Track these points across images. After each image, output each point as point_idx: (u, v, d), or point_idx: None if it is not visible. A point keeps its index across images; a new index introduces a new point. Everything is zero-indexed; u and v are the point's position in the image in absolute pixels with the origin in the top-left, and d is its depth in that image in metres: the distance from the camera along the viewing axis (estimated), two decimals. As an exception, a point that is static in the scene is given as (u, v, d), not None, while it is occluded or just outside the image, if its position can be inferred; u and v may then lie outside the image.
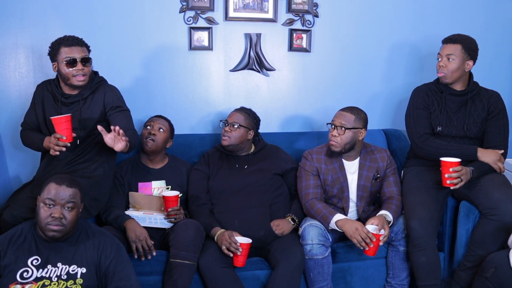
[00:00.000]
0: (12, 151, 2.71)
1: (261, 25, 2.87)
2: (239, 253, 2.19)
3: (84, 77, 2.22)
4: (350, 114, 2.41)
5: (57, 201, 1.80)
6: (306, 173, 2.47)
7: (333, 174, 2.45)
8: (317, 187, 2.45)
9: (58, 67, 2.22)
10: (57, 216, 1.78)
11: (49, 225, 1.79)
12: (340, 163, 2.47)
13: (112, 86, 2.37)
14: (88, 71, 2.24)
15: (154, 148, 2.48)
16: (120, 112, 2.30)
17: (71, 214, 1.82)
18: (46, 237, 1.82)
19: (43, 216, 1.79)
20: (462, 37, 2.42)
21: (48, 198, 1.80)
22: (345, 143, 2.38)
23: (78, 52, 2.20)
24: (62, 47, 2.19)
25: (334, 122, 2.41)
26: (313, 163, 2.47)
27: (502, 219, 2.21)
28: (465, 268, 2.35)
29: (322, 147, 2.53)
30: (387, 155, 2.53)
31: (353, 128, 2.38)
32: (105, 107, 2.29)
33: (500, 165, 2.37)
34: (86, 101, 2.27)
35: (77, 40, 2.23)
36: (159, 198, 2.40)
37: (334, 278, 2.40)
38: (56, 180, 1.84)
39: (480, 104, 2.47)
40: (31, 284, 1.77)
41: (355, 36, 3.00)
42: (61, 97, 2.27)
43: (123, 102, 2.36)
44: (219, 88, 2.93)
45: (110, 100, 2.29)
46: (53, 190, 1.81)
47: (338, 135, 2.37)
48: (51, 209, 1.80)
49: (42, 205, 1.80)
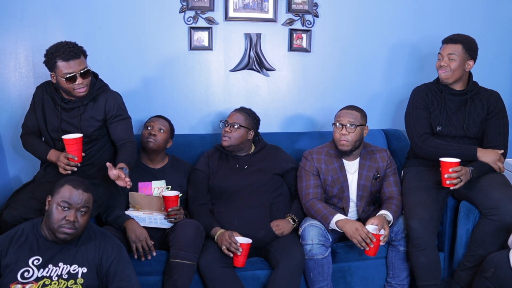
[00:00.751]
0: (12, 151, 2.71)
1: (261, 25, 2.87)
2: (239, 253, 2.19)
3: (85, 88, 2.19)
4: (355, 111, 2.43)
5: (72, 205, 1.80)
6: (307, 173, 2.47)
7: (333, 174, 2.45)
8: (317, 187, 2.45)
9: (57, 79, 2.17)
10: (71, 220, 1.79)
11: (62, 227, 1.79)
12: (341, 163, 2.47)
13: (114, 93, 2.36)
14: (88, 82, 2.21)
15: (155, 147, 2.48)
16: (120, 121, 2.29)
17: (83, 218, 1.83)
18: (56, 239, 1.82)
19: (57, 218, 1.79)
20: (463, 37, 2.42)
21: (64, 201, 1.80)
22: (355, 141, 2.40)
23: (76, 66, 2.12)
24: (58, 61, 2.10)
25: (342, 121, 2.40)
26: (313, 163, 2.47)
27: (502, 219, 2.21)
28: (465, 268, 2.35)
29: (323, 147, 2.53)
30: (387, 155, 2.53)
31: (360, 125, 2.40)
32: (105, 114, 2.28)
33: (500, 165, 2.37)
34: (86, 107, 2.26)
35: (73, 53, 2.11)
36: (159, 198, 2.40)
37: (334, 278, 2.40)
38: (73, 183, 1.84)
39: (480, 104, 2.47)
40: (31, 284, 1.77)
41: (355, 36, 3.00)
42: (61, 102, 2.26)
43: (124, 110, 2.35)
44: (219, 88, 2.93)
45: (111, 108, 2.28)
46: (68, 193, 1.81)
47: (348, 133, 2.38)
48: (65, 212, 1.80)
49: (56, 206, 1.80)
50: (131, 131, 2.36)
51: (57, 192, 1.82)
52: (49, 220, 1.81)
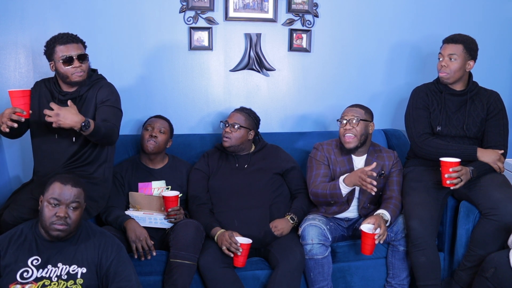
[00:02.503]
0: (12, 151, 2.71)
1: (261, 25, 2.87)
2: (239, 254, 2.19)
3: (82, 73, 2.20)
4: (359, 108, 2.47)
5: (62, 201, 1.80)
6: (317, 162, 2.50)
7: (341, 166, 2.48)
8: (326, 176, 2.47)
9: (55, 66, 2.19)
10: (62, 216, 1.79)
11: (53, 224, 1.79)
12: (349, 157, 2.50)
13: (109, 83, 2.34)
14: (85, 68, 2.22)
15: (156, 150, 2.49)
16: (108, 106, 2.24)
17: (75, 213, 1.83)
18: (49, 237, 1.82)
19: (47, 216, 1.79)
20: (464, 37, 2.42)
21: (53, 198, 1.80)
22: (360, 134, 2.42)
23: (74, 50, 2.16)
24: (57, 46, 2.16)
25: (346, 117, 2.44)
26: (324, 153, 2.51)
27: (502, 219, 2.21)
28: (465, 268, 2.35)
29: (332, 141, 2.58)
30: (395, 156, 2.56)
31: (364, 120, 2.42)
32: (96, 103, 2.26)
33: (500, 165, 2.37)
34: (82, 99, 2.25)
35: (71, 37, 2.18)
36: (159, 198, 2.40)
37: (334, 278, 2.40)
38: (60, 179, 1.84)
39: (480, 104, 2.47)
40: (31, 284, 1.76)
41: (355, 36, 3.00)
42: (58, 95, 2.25)
43: (116, 100, 2.29)
44: (219, 88, 2.93)
45: (102, 96, 2.25)
46: (58, 190, 1.81)
47: (352, 127, 2.41)
48: (55, 209, 1.80)
49: (46, 204, 1.80)
50: (115, 119, 2.25)
51: (46, 190, 1.82)
52: (41, 218, 1.81)
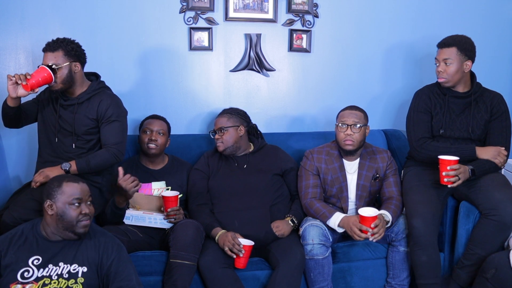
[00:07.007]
0: (12, 151, 2.71)
1: (261, 26, 2.87)
2: (241, 255, 2.20)
3: (55, 83, 2.19)
4: (359, 111, 2.45)
5: (82, 198, 1.86)
6: (306, 172, 2.48)
7: (332, 174, 2.45)
8: (317, 187, 2.46)
9: None
10: (87, 212, 1.85)
11: (80, 222, 1.84)
12: (341, 163, 2.47)
13: (111, 94, 2.34)
14: (61, 79, 2.19)
15: (157, 152, 2.50)
16: (108, 124, 2.27)
17: (91, 207, 1.90)
18: (75, 236, 1.85)
19: (73, 216, 1.82)
20: (456, 39, 2.39)
21: (75, 198, 1.84)
22: (360, 140, 2.42)
23: (46, 59, 2.17)
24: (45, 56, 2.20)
25: (346, 122, 2.42)
26: (314, 162, 2.48)
27: (502, 219, 2.21)
28: (462, 266, 2.34)
29: (323, 147, 2.54)
30: (388, 156, 2.53)
31: (364, 125, 2.42)
32: (98, 115, 2.28)
33: (500, 159, 2.35)
34: (81, 106, 2.27)
35: (49, 45, 2.19)
36: (159, 198, 2.40)
37: (334, 278, 2.40)
38: (70, 179, 1.88)
39: (484, 106, 2.45)
40: (31, 284, 1.77)
41: (355, 37, 3.00)
42: (60, 99, 2.28)
43: (117, 112, 2.30)
44: (219, 88, 2.93)
45: (103, 110, 2.27)
46: (75, 189, 1.85)
47: (353, 133, 2.39)
48: (79, 207, 1.84)
49: (67, 206, 1.83)
50: (116, 135, 2.29)
51: (60, 193, 1.83)
52: (64, 221, 1.83)
